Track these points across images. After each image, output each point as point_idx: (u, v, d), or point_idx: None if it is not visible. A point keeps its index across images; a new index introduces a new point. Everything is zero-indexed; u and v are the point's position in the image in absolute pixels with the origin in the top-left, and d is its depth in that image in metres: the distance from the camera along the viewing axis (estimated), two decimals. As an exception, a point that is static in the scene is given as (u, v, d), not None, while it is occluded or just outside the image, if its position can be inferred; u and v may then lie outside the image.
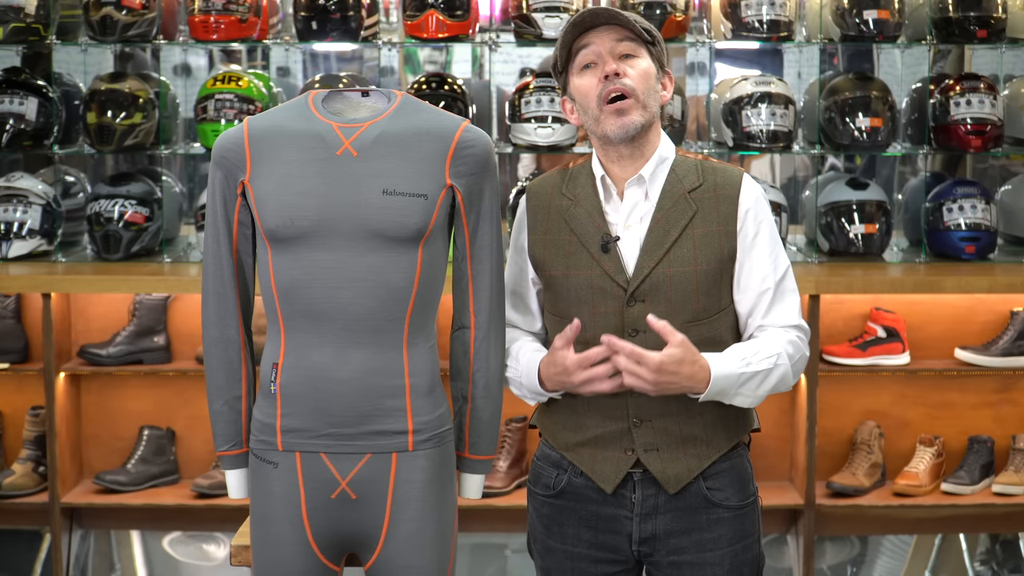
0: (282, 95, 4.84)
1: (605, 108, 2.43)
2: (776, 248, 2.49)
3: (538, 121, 4.43)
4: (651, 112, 2.45)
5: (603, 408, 2.47)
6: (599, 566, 2.52)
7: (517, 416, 4.47)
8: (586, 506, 2.51)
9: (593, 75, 2.44)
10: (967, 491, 4.42)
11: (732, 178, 2.48)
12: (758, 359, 2.40)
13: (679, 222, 2.45)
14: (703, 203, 2.46)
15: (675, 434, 2.46)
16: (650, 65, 2.45)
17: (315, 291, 2.38)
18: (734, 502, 2.50)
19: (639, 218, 2.47)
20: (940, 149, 4.63)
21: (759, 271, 2.46)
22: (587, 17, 2.44)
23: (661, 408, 2.45)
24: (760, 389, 2.41)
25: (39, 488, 4.42)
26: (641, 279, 2.43)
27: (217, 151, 2.46)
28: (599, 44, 2.44)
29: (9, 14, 4.47)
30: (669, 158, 2.50)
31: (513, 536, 4.64)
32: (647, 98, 2.44)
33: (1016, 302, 4.52)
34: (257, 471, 2.47)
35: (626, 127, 2.42)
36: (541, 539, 2.58)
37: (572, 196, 2.52)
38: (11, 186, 4.54)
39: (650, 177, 2.47)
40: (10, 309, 4.49)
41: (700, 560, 2.48)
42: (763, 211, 2.48)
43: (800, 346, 2.48)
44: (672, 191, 2.47)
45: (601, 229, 2.47)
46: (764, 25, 4.46)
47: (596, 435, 2.49)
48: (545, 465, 2.57)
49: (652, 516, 2.48)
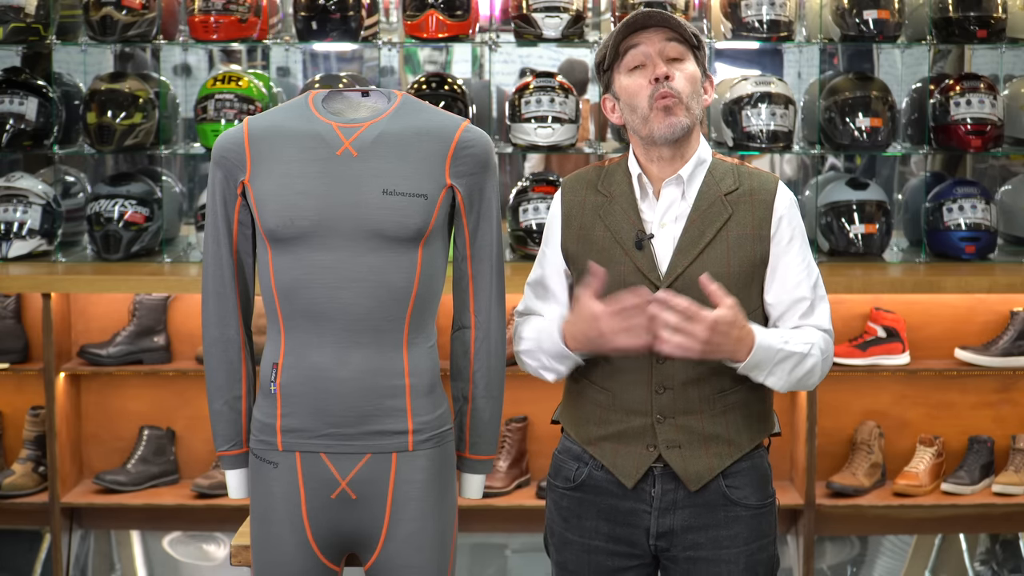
0: (282, 95, 4.84)
1: (655, 107, 2.45)
2: (808, 255, 2.53)
3: (538, 121, 4.42)
4: (694, 115, 2.48)
5: (627, 403, 2.49)
6: (616, 559, 2.53)
7: (517, 416, 4.47)
8: (605, 499, 2.52)
9: (642, 76, 2.46)
10: (967, 491, 4.42)
11: (767, 183, 2.51)
12: (796, 341, 2.43)
13: (714, 223, 2.47)
14: (738, 206, 2.49)
15: (698, 432, 2.47)
16: (696, 70, 2.49)
17: (315, 291, 2.38)
18: (753, 501, 2.52)
19: (674, 217, 2.49)
20: (940, 149, 4.63)
21: (794, 277, 2.49)
22: (640, 18, 2.46)
23: (685, 405, 2.47)
24: (794, 373, 2.43)
25: (39, 488, 4.42)
26: (674, 277, 2.45)
27: (217, 151, 2.46)
28: (649, 45, 2.46)
29: (9, 14, 4.47)
30: (707, 160, 2.52)
31: (513, 536, 4.64)
32: (691, 101, 2.47)
33: (1016, 302, 4.52)
34: (257, 471, 2.47)
35: (673, 127, 2.44)
36: (559, 532, 2.59)
37: (608, 192, 2.53)
38: (11, 186, 4.54)
39: (688, 178, 2.50)
40: (10, 309, 4.49)
41: (716, 557, 2.49)
42: (796, 218, 2.52)
43: (830, 346, 2.51)
44: (709, 193, 2.49)
45: (636, 226, 2.49)
46: (764, 25, 4.46)
47: (619, 430, 2.50)
48: (566, 459, 2.58)
49: (671, 511, 2.50)
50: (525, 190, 4.52)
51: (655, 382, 2.46)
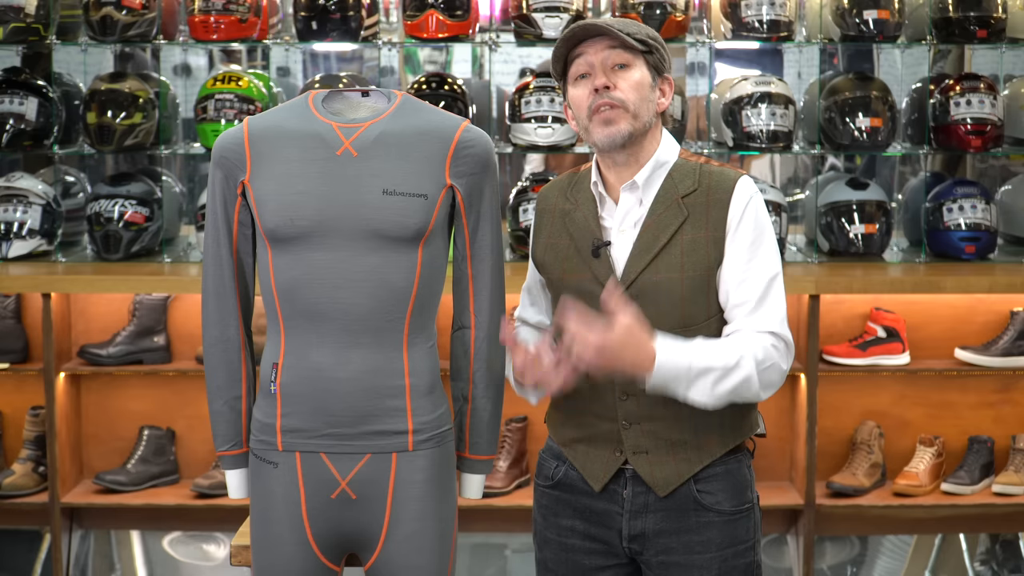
0: (282, 95, 4.84)
1: (593, 118, 2.43)
2: (762, 251, 2.43)
3: (538, 121, 4.43)
4: (643, 121, 2.44)
5: (595, 408, 2.48)
6: (593, 558, 2.53)
7: (517, 416, 4.47)
8: (580, 499, 2.52)
9: (586, 86, 2.45)
10: (967, 491, 4.42)
11: (726, 182, 2.45)
12: (716, 355, 2.32)
13: (669, 228, 2.43)
14: (695, 208, 2.44)
15: (663, 438, 2.45)
16: (644, 75, 2.44)
17: (315, 291, 2.38)
18: (726, 507, 2.48)
19: (632, 223, 2.46)
20: (940, 149, 4.63)
21: (738, 275, 2.41)
22: (578, 32, 2.44)
23: (649, 411, 2.44)
24: (719, 387, 2.32)
25: (39, 488, 4.42)
26: (627, 284, 2.43)
27: (217, 151, 2.46)
28: (592, 55, 2.44)
29: (9, 14, 4.47)
30: (668, 163, 2.48)
31: (513, 536, 4.64)
32: (639, 108, 2.43)
33: (1016, 302, 4.52)
34: (257, 471, 2.47)
35: (612, 136, 2.42)
36: (539, 530, 2.60)
37: (574, 201, 2.53)
38: (11, 186, 4.54)
39: (644, 183, 2.46)
40: (10, 309, 4.49)
41: (688, 562, 2.47)
42: (753, 214, 2.43)
43: (773, 354, 2.37)
44: (665, 196, 2.46)
45: (595, 234, 2.48)
46: (764, 25, 4.46)
47: (589, 433, 2.50)
48: (548, 457, 2.59)
49: (642, 514, 2.48)
50: (525, 190, 4.52)
51: (619, 389, 2.44)
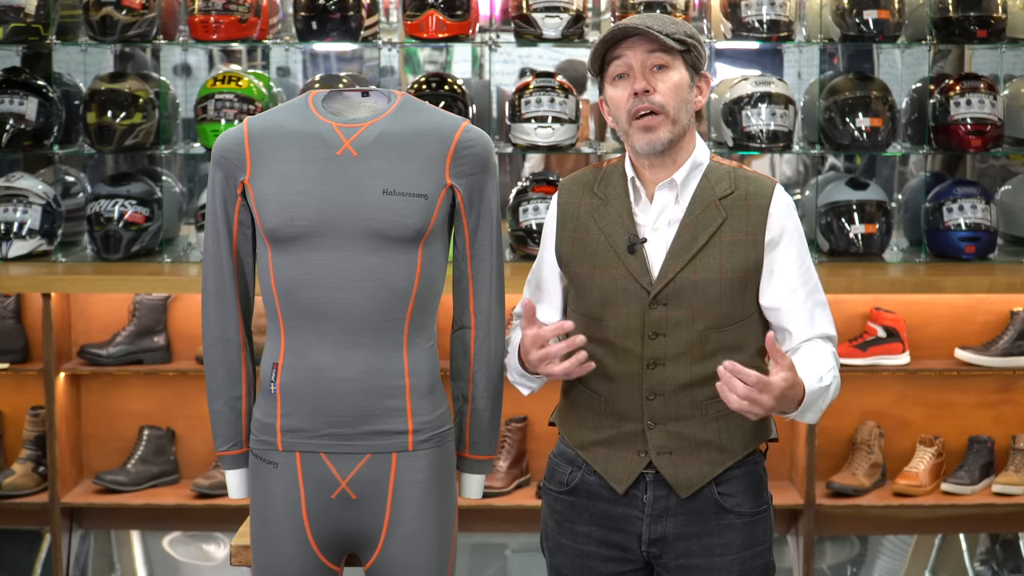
0: (282, 95, 4.84)
1: (633, 124, 2.43)
2: (807, 260, 2.49)
3: (538, 121, 4.42)
4: (681, 125, 2.44)
5: (619, 408, 2.47)
6: (609, 564, 2.52)
7: (517, 416, 4.47)
8: (597, 504, 2.51)
9: (625, 87, 2.43)
10: (967, 491, 4.42)
11: (764, 188, 2.47)
12: (826, 373, 2.39)
13: (707, 228, 2.44)
14: (733, 211, 2.45)
15: (688, 439, 2.45)
16: (682, 76, 2.44)
17: (315, 291, 2.38)
18: (746, 509, 2.49)
19: (667, 222, 2.46)
20: (940, 149, 4.63)
21: (790, 283, 2.45)
22: (617, 32, 2.43)
23: (676, 412, 2.45)
24: (824, 404, 2.41)
25: (39, 488, 4.42)
26: (665, 283, 2.43)
27: (217, 151, 2.46)
28: (631, 56, 2.43)
29: (9, 14, 4.47)
30: (703, 164, 2.49)
31: (513, 536, 4.64)
32: (678, 112, 2.43)
33: (1016, 302, 4.52)
34: (257, 471, 2.47)
35: (653, 143, 2.42)
36: (552, 536, 2.58)
37: (603, 195, 2.51)
38: (11, 186, 4.54)
39: (682, 182, 2.47)
40: (10, 309, 4.49)
41: (709, 564, 2.48)
42: (792, 222, 2.48)
43: (836, 358, 2.48)
44: (703, 197, 2.46)
45: (629, 230, 2.47)
46: (764, 25, 4.46)
47: (611, 435, 2.49)
48: (560, 462, 2.57)
49: (663, 518, 2.48)
50: (525, 190, 4.52)
51: (646, 388, 2.45)
